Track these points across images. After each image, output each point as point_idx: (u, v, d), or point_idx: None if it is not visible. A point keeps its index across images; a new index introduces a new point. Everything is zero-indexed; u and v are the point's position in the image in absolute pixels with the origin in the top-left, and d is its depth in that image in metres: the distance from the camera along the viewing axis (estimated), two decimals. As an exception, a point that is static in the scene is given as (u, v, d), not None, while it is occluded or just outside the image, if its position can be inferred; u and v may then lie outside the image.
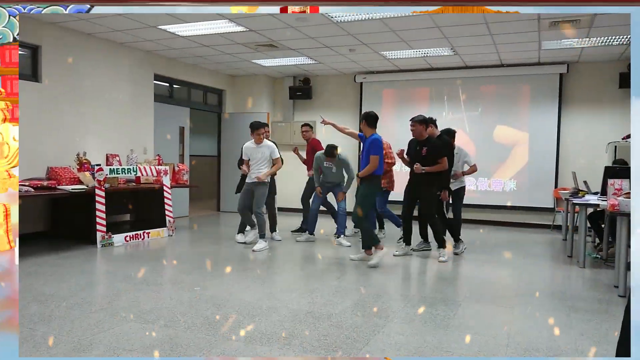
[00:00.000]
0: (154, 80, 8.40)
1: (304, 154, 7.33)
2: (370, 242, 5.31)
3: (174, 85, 9.18)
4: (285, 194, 9.13)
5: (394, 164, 6.89)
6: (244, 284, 4.46)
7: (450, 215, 6.21)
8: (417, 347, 3.02)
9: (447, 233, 5.94)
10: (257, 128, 6.09)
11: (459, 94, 9.03)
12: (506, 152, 8.78)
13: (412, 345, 3.05)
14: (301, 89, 10.00)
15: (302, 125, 7.36)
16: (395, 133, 8.57)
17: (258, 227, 6.16)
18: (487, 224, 8.84)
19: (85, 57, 7.12)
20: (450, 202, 6.14)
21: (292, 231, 7.37)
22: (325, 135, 7.85)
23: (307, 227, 6.83)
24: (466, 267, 5.35)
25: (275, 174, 6.46)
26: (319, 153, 6.64)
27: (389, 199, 6.95)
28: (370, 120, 5.30)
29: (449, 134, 6.11)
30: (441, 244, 5.60)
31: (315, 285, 4.54)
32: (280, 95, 10.43)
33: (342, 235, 6.63)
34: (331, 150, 6.42)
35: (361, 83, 9.68)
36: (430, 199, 5.60)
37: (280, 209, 9.68)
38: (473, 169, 6.28)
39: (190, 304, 3.80)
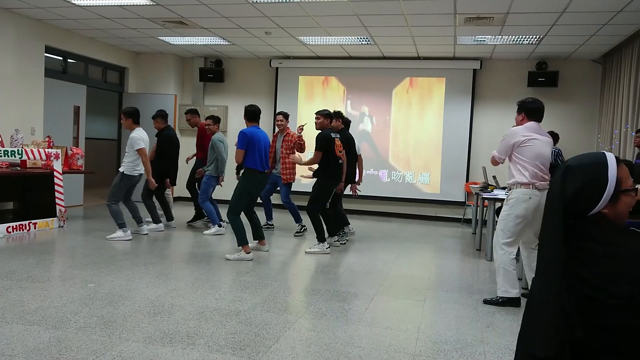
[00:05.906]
0: (45, 52, 7.58)
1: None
2: (238, 240, 5.10)
3: (69, 60, 8.35)
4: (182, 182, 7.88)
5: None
6: (144, 280, 4.15)
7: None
8: (328, 343, 2.96)
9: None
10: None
11: (375, 84, 9.08)
12: (420, 145, 8.97)
13: (323, 342, 2.99)
14: (213, 71, 9.51)
15: (186, 113, 7.17)
16: (311, 121, 8.42)
17: (112, 216, 5.78)
18: (400, 217, 9.05)
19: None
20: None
21: (187, 222, 7.05)
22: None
23: (212, 219, 6.46)
24: (378, 261, 5.39)
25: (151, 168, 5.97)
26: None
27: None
28: (246, 115, 5.30)
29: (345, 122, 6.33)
30: (318, 236, 5.57)
31: (223, 280, 4.33)
32: (190, 77, 9.88)
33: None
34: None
35: (277, 68, 9.43)
36: (314, 190, 5.63)
37: (178, 199, 9.20)
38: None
39: (83, 303, 3.48)
